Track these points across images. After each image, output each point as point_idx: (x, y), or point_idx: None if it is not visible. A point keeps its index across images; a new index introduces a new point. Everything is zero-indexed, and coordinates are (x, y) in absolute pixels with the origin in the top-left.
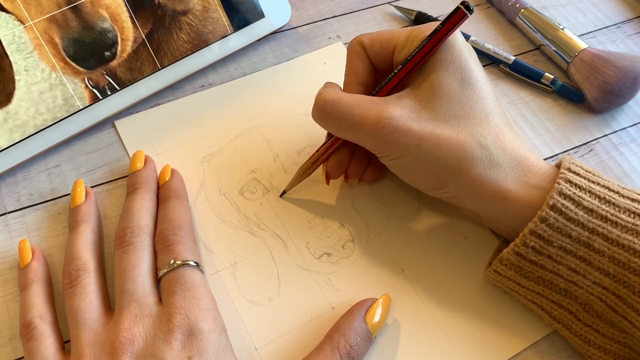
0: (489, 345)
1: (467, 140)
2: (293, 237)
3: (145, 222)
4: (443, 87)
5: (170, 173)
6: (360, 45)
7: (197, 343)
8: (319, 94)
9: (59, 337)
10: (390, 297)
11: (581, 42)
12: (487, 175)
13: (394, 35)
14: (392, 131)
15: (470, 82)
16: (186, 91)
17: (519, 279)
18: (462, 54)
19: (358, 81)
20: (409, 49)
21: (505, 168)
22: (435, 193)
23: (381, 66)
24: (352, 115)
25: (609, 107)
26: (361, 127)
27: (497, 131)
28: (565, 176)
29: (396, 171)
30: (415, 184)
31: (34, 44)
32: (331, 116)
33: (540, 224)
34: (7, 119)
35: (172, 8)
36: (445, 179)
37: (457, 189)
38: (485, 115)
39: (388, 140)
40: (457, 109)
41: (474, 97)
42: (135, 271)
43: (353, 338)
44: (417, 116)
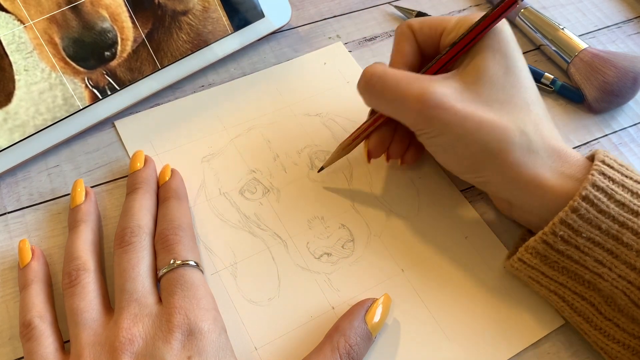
0: (489, 345)
1: (509, 125)
2: (293, 237)
3: (145, 222)
4: (489, 72)
5: (170, 173)
6: (409, 28)
7: (196, 343)
8: (367, 68)
9: (58, 337)
10: (390, 297)
11: (581, 42)
12: (525, 161)
13: (443, 21)
14: (434, 106)
15: (515, 70)
16: (186, 91)
17: (543, 268)
18: (509, 43)
19: (404, 62)
20: (456, 34)
21: (543, 156)
22: (470, 177)
23: (428, 49)
24: (397, 87)
25: (609, 107)
26: (404, 100)
27: (537, 120)
28: (599, 168)
29: (433, 151)
30: (451, 165)
31: (33, 43)
32: (376, 88)
33: (571, 214)
34: (7, 119)
35: (172, 8)
36: (483, 162)
37: (493, 174)
38: (527, 104)
39: (430, 116)
40: (500, 94)
41: (517, 86)
42: (135, 271)
43: (353, 338)
44: (460, 96)
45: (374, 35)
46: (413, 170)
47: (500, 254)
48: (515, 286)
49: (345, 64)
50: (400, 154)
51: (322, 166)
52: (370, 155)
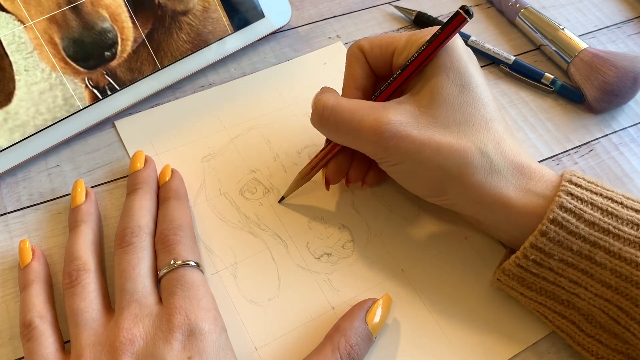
0: (489, 345)
1: (468, 146)
2: (293, 237)
3: (145, 222)
4: (443, 93)
5: (170, 173)
6: (359, 49)
7: (197, 343)
8: (317, 100)
9: (59, 337)
10: (390, 298)
11: (581, 42)
12: (487, 182)
13: (393, 40)
14: (391, 136)
15: (470, 87)
16: (186, 91)
17: (521, 290)
18: (462, 59)
19: (357, 86)
20: (408, 53)
21: (506, 175)
22: (435, 200)
23: (380, 71)
24: (351, 120)
25: (609, 107)
26: (360, 132)
27: (498, 138)
28: (566, 188)
29: (396, 177)
30: (415, 190)
31: (34, 44)
32: (330, 122)
33: (541, 238)
34: (7, 119)
35: (172, 8)
36: (445, 186)
37: (457, 196)
38: (485, 121)
39: (387, 146)
40: (457, 115)
41: (474, 103)
42: (135, 271)
43: (353, 338)
44: (416, 122)
45: (374, 35)
46: None
47: (500, 255)
48: None
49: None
50: (359, 178)
51: (283, 196)
52: (329, 182)
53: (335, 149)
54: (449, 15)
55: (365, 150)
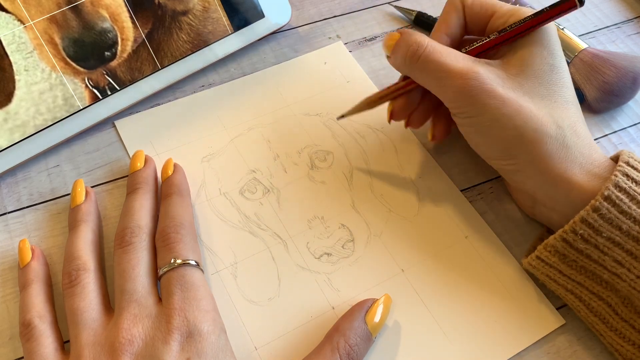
0: (489, 345)
1: (546, 117)
2: (293, 237)
3: (145, 222)
4: (533, 67)
5: (172, 167)
6: (460, 1)
7: (195, 344)
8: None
9: (58, 336)
10: (390, 298)
11: (581, 42)
12: (557, 154)
13: (495, 3)
14: (477, 86)
15: (559, 69)
16: (186, 91)
17: (561, 267)
18: (556, 43)
19: (448, 33)
20: (505, 21)
21: (575, 152)
22: (500, 163)
23: (474, 27)
24: (442, 62)
25: (608, 107)
26: (448, 75)
27: (574, 119)
28: (622, 169)
29: (467, 131)
30: (482, 149)
31: (34, 44)
32: (421, 59)
33: (592, 213)
34: (7, 119)
35: (172, 8)
36: (516, 149)
37: (525, 162)
38: (567, 102)
39: (471, 95)
40: (542, 89)
41: (559, 84)
42: (135, 271)
43: (353, 338)
44: (502, 82)
45: (374, 35)
46: (413, 170)
47: (501, 254)
48: (515, 286)
49: (346, 64)
50: (420, 123)
51: (343, 114)
52: (392, 116)
53: (410, 86)
54: None
55: (446, 95)
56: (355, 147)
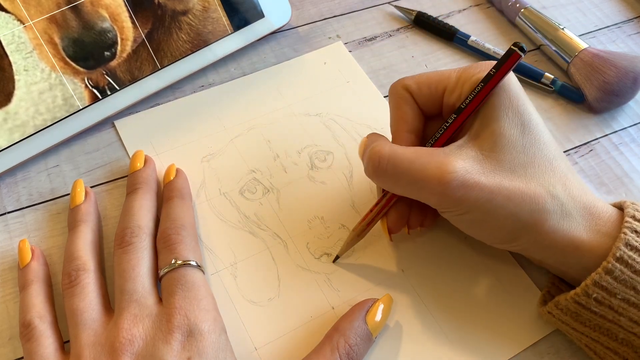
0: (489, 345)
1: (538, 191)
2: (293, 237)
3: (145, 222)
4: (505, 135)
5: (175, 172)
6: (405, 89)
7: (196, 344)
8: (371, 150)
9: (58, 337)
10: (391, 298)
11: (581, 42)
12: (560, 227)
13: (442, 77)
14: (458, 186)
15: (530, 127)
16: (186, 91)
17: (574, 325)
18: (519, 97)
19: (408, 129)
20: (460, 92)
21: (576, 217)
22: (505, 247)
23: (430, 110)
24: (412, 170)
25: (609, 107)
26: (423, 183)
27: (564, 178)
28: (630, 225)
29: (461, 226)
30: (483, 238)
31: (33, 43)
32: (388, 173)
33: (605, 276)
34: (7, 119)
35: (172, 8)
36: (517, 234)
37: (529, 242)
38: (550, 161)
39: (455, 196)
40: (521, 157)
41: (536, 143)
42: (135, 271)
43: (353, 338)
44: (481, 168)
45: (374, 35)
46: None
47: (501, 255)
48: (515, 287)
49: (346, 64)
50: (420, 222)
51: (337, 255)
52: (392, 232)
53: (393, 200)
54: (449, 15)
55: (428, 201)
56: (355, 147)
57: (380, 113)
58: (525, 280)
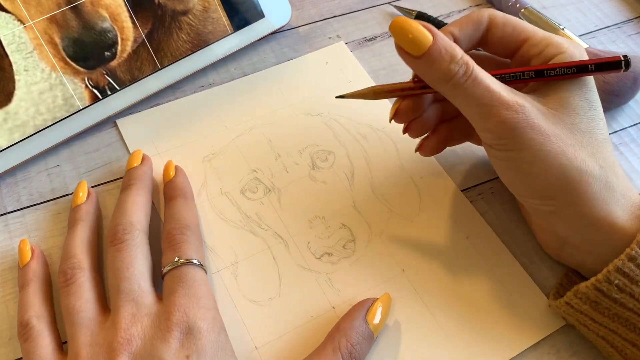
0: (489, 345)
1: (589, 156)
2: (294, 236)
3: (138, 219)
4: (573, 103)
5: (174, 170)
6: (490, 17)
7: (195, 342)
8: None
9: (56, 336)
10: (390, 297)
11: (581, 42)
12: (601, 196)
13: (527, 29)
14: (523, 119)
15: (596, 106)
16: (186, 91)
17: (593, 314)
18: (592, 79)
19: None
20: (542, 52)
21: (617, 195)
22: (537, 203)
23: (501, 49)
24: (490, 90)
25: (609, 107)
26: (493, 105)
27: (613, 159)
28: None
29: (503, 166)
30: (518, 186)
31: (33, 43)
32: (467, 83)
33: (628, 262)
34: (7, 119)
35: (172, 8)
36: (557, 189)
37: (565, 204)
38: (606, 141)
39: (515, 128)
40: (582, 125)
41: (597, 121)
42: (130, 271)
43: (354, 338)
44: (545, 118)
45: (374, 35)
46: (414, 170)
47: (501, 255)
48: (516, 287)
49: (347, 64)
50: (419, 134)
51: (344, 95)
52: (395, 116)
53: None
54: (449, 15)
55: (486, 125)
56: (356, 147)
57: (382, 113)
58: (526, 280)
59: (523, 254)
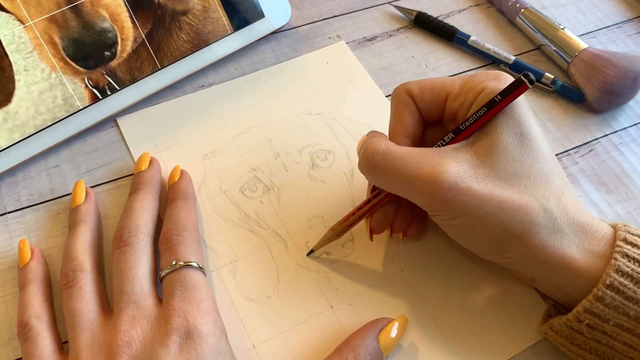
0: (489, 345)
1: (531, 203)
2: (293, 235)
3: (144, 222)
4: (502, 143)
5: (179, 173)
6: (407, 94)
7: (194, 346)
8: (367, 145)
9: (56, 337)
10: (407, 320)
11: (581, 42)
12: (551, 242)
13: (445, 84)
14: (449, 188)
15: (530, 138)
16: (186, 91)
17: (570, 347)
18: (521, 107)
19: (406, 133)
20: (463, 100)
21: (569, 234)
22: (493, 258)
23: (431, 116)
24: (405, 168)
25: (609, 107)
26: (415, 181)
27: (559, 193)
28: (621, 250)
29: (450, 232)
30: (471, 247)
31: (33, 43)
32: (380, 168)
33: (596, 303)
34: (7, 119)
35: (172, 8)
36: (506, 245)
37: (518, 256)
38: (546, 174)
39: (445, 199)
40: (517, 166)
41: (534, 155)
42: (133, 272)
43: (363, 355)
44: (475, 173)
45: (374, 35)
46: None
47: None
48: (515, 288)
49: (348, 64)
50: (403, 228)
51: (312, 249)
52: (373, 232)
53: (384, 201)
54: (449, 15)
55: (418, 201)
56: (356, 146)
57: (382, 113)
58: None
59: None
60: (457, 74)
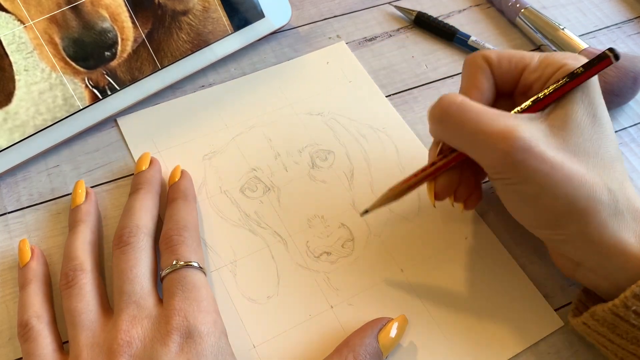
0: (489, 345)
1: (597, 181)
2: (293, 235)
3: (144, 222)
4: (577, 120)
5: (180, 174)
6: (485, 60)
7: (195, 346)
8: (444, 95)
9: (57, 337)
10: (406, 319)
11: (581, 42)
12: (610, 223)
13: (525, 56)
14: (523, 149)
15: (601, 121)
16: (186, 91)
17: (611, 336)
18: (596, 90)
19: (481, 98)
20: (541, 74)
21: (628, 219)
22: (546, 233)
23: (504, 86)
24: (480, 121)
25: (609, 107)
26: (488, 137)
27: (622, 179)
28: None
29: (509, 199)
30: (526, 217)
31: (34, 43)
32: (454, 118)
33: None
34: (7, 119)
35: (172, 8)
36: (565, 219)
37: (575, 233)
38: (612, 159)
39: (516, 159)
40: (587, 144)
41: (603, 137)
42: (133, 272)
43: (362, 355)
44: (547, 142)
45: (374, 35)
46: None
47: (500, 255)
48: (515, 287)
49: (348, 64)
50: (465, 197)
51: (367, 209)
52: (437, 198)
53: (449, 165)
54: (449, 15)
55: (487, 159)
56: (356, 146)
57: (383, 113)
58: (524, 281)
59: (522, 254)
60: (457, 74)
